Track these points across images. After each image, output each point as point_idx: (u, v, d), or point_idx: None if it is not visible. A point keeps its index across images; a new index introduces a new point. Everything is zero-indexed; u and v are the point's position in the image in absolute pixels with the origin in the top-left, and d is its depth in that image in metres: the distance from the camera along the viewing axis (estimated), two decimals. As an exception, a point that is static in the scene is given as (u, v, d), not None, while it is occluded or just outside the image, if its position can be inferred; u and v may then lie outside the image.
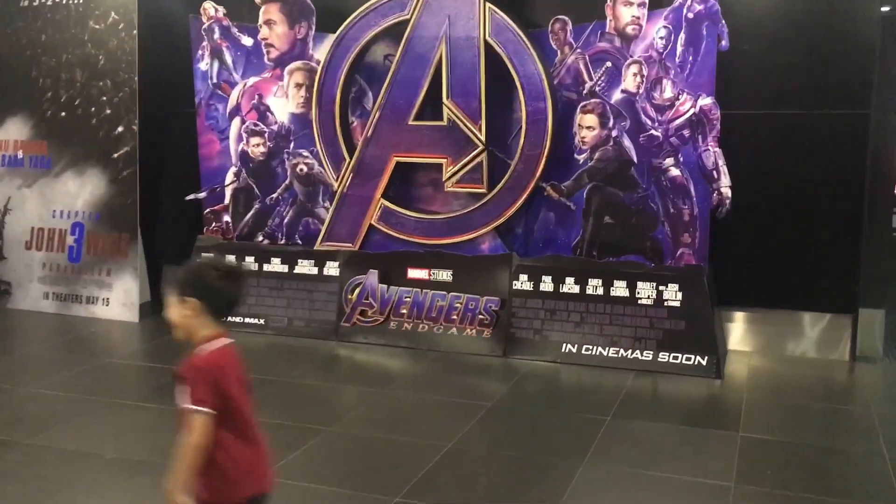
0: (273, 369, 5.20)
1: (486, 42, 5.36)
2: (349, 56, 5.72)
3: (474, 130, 5.46)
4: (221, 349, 2.40)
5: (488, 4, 5.32)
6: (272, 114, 6.14)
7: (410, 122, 5.63)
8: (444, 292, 5.61)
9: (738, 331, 5.51)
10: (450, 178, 5.59)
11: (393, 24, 5.60)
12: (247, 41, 6.12)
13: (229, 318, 2.57)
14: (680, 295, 5.13)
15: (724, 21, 4.94)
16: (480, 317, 5.50)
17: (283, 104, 6.10)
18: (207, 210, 6.40)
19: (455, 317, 5.58)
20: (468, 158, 5.51)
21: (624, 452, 3.89)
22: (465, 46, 5.41)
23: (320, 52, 5.93)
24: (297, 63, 6.01)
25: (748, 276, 5.44)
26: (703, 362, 5.03)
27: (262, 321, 6.05)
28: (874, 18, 5.00)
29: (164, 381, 4.97)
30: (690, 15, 5.02)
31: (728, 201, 5.09)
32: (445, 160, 5.59)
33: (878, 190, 5.19)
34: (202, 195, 6.40)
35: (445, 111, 5.52)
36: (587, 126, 5.39)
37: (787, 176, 5.26)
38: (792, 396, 4.72)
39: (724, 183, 5.08)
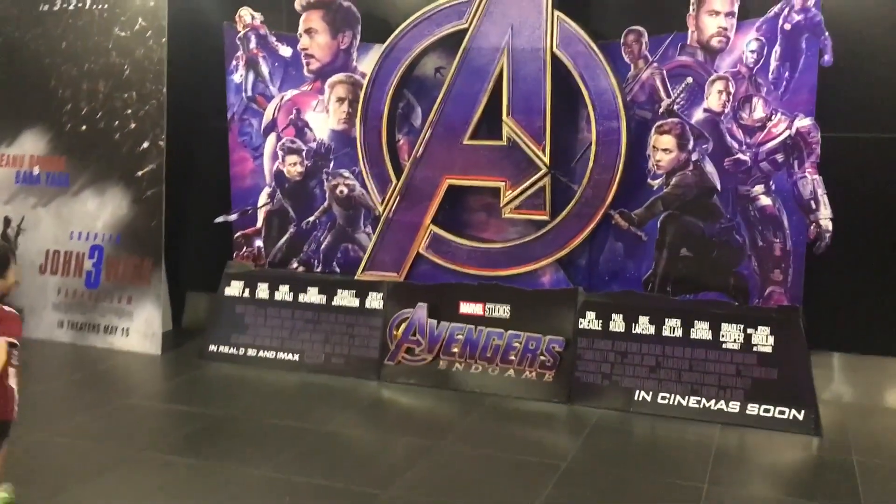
0: (312, 415, 4.66)
1: (552, 54, 4.84)
2: (399, 68, 5.21)
3: (537, 151, 4.93)
4: None
5: (557, 13, 4.81)
6: (311, 130, 5.64)
7: (465, 142, 5.11)
8: (500, 330, 5.07)
9: (829, 378, 4.92)
10: (508, 203, 5.06)
11: (447, 34, 5.09)
12: (285, 51, 5.62)
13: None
14: (772, 339, 4.56)
15: (826, 33, 4.41)
16: (542, 358, 4.95)
17: (323, 120, 5.60)
18: (238, 234, 5.89)
19: (513, 357, 5.03)
20: (530, 182, 4.98)
21: (734, 532, 3.34)
22: (529, 59, 4.89)
23: (365, 65, 5.43)
24: (340, 76, 5.51)
25: (838, 316, 4.87)
26: (800, 416, 4.45)
27: (297, 357, 5.51)
28: None
29: (193, 429, 4.44)
30: (787, 26, 4.49)
31: (828, 235, 4.53)
32: (504, 184, 5.06)
33: None
34: (232, 217, 5.89)
35: (505, 130, 4.99)
36: (663, 148, 4.85)
37: (889, 207, 4.70)
38: (908, 460, 4.16)
39: (824, 214, 4.53)
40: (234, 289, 5.79)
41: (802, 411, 4.46)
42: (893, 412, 4.76)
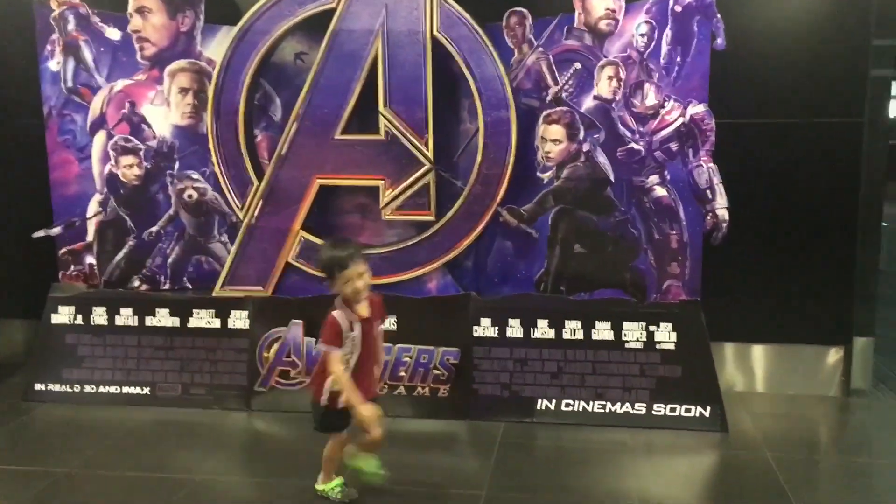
0: (174, 461, 3.98)
1: (433, 38, 4.39)
2: (256, 54, 4.57)
3: (419, 145, 4.48)
4: None
5: (436, -9, 4.37)
6: (149, 126, 4.86)
7: (337, 137, 4.56)
8: (388, 344, 4.57)
9: (723, 369, 4.83)
10: (389, 203, 4.57)
11: (311, 14, 4.51)
12: (112, 34, 4.80)
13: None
14: (674, 335, 4.40)
15: (719, 15, 4.26)
16: (436, 372, 4.52)
17: (164, 114, 4.84)
18: (63, 250, 5.01)
19: (403, 374, 4.56)
20: (412, 180, 4.52)
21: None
22: (406, 43, 4.42)
23: (211, 50, 4.74)
24: (181, 62, 4.77)
25: (734, 306, 4.78)
26: (706, 413, 4.32)
27: (147, 390, 4.76)
28: (868, 23, 4.48)
29: (29, 494, 3.60)
30: (678, 8, 4.30)
31: (725, 224, 4.41)
32: (382, 182, 4.57)
33: (870, 204, 4.68)
34: (55, 231, 4.99)
35: (382, 122, 4.49)
36: (552, 139, 4.55)
37: (784, 194, 4.65)
38: (820, 451, 4.13)
39: (721, 203, 4.40)
40: (63, 315, 4.91)
41: (708, 408, 4.33)
42: (785, 399, 4.75)
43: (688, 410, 4.34)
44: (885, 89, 4.63)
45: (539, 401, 4.45)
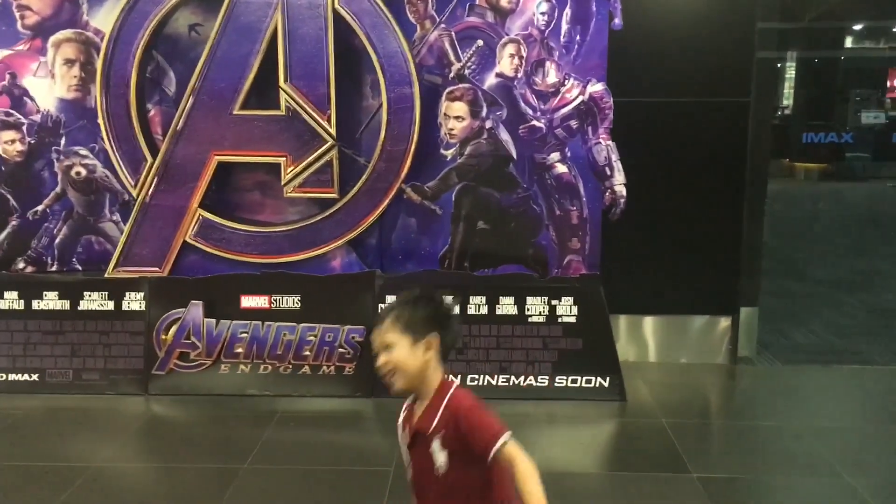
0: (68, 449, 3.83)
1: (334, 12, 4.32)
2: (148, 24, 4.38)
3: (322, 122, 4.41)
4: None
5: (337, -35, 4.29)
6: (32, 99, 4.61)
7: (236, 112, 4.44)
8: (292, 323, 4.51)
9: (619, 341, 5.00)
10: (291, 180, 4.49)
11: (207, -16, 4.37)
12: (-10, 0, 4.52)
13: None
14: (575, 309, 4.51)
15: (616, -4, 4.37)
16: (341, 350, 4.49)
17: (48, 87, 4.59)
18: (-61, 231, 4.71)
19: (308, 353, 4.51)
20: (314, 156, 4.45)
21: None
22: (307, 17, 4.33)
23: (99, 20, 4.52)
24: (66, 32, 4.54)
25: (624, 279, 4.94)
26: (605, 383, 4.46)
27: (35, 376, 4.55)
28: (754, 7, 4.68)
29: None
30: (577, -13, 4.38)
31: (623, 200, 4.55)
32: (284, 159, 4.48)
33: (755, 180, 4.92)
34: (-71, 211, 4.69)
35: (283, 98, 4.40)
36: (455, 116, 4.56)
37: (669, 170, 4.82)
38: (711, 416, 4.36)
39: (619, 180, 4.53)
40: (-59, 300, 4.62)
41: (608, 378, 4.47)
42: (678, 368, 4.95)
43: (588, 381, 4.48)
44: (770, 70, 4.86)
45: (444, 376, 4.48)
